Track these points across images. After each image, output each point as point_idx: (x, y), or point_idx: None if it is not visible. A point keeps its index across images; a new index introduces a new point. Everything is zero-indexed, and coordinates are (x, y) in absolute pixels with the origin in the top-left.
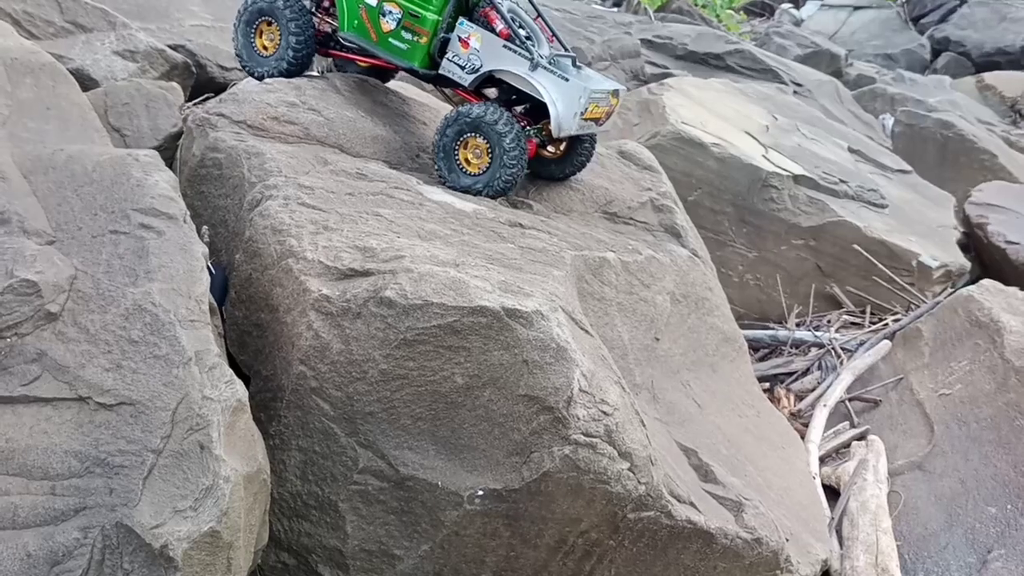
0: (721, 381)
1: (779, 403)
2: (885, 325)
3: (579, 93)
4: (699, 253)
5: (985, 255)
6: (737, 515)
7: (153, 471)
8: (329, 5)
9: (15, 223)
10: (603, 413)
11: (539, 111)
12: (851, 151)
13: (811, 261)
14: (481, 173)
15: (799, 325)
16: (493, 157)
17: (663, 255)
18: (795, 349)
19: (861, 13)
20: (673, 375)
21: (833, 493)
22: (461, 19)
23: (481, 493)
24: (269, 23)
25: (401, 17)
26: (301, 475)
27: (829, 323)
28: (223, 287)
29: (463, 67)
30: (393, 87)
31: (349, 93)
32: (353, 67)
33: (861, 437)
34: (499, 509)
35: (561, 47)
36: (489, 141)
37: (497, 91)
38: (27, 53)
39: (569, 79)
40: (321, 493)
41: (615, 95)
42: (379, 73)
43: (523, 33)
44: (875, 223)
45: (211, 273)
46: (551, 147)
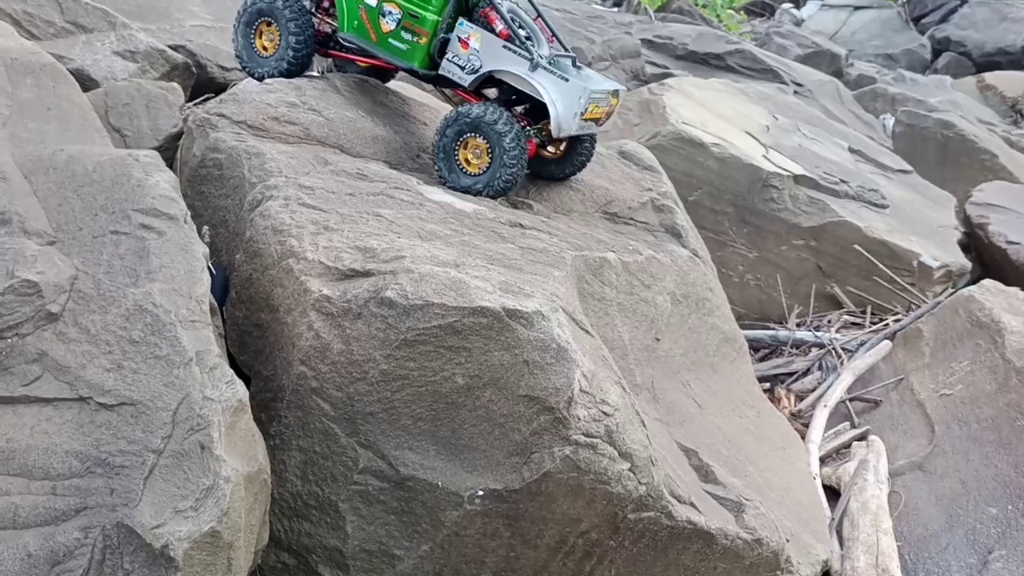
0: (721, 381)
1: (779, 403)
2: (886, 325)
3: (579, 93)
4: (699, 253)
5: (986, 255)
6: (737, 516)
7: (154, 471)
8: (329, 6)
9: (16, 223)
10: (604, 414)
11: (539, 111)
12: (852, 151)
13: (812, 261)
14: (481, 173)
15: (799, 325)
16: (493, 157)
17: (663, 255)
18: (795, 349)
19: (862, 13)
20: (673, 375)
21: (833, 493)
22: (461, 19)
23: (481, 493)
24: (269, 24)
25: (401, 17)
26: (301, 475)
27: (830, 323)
28: (224, 287)
29: (463, 67)
30: (393, 87)
31: (349, 93)
32: (353, 67)
33: (862, 437)
34: (499, 509)
35: (561, 47)
36: (489, 141)
37: (497, 91)
38: (28, 53)
39: (569, 79)
40: (321, 493)
41: (615, 95)
42: (379, 73)
43: (523, 33)
44: (876, 223)
45: (212, 273)
46: (551, 147)
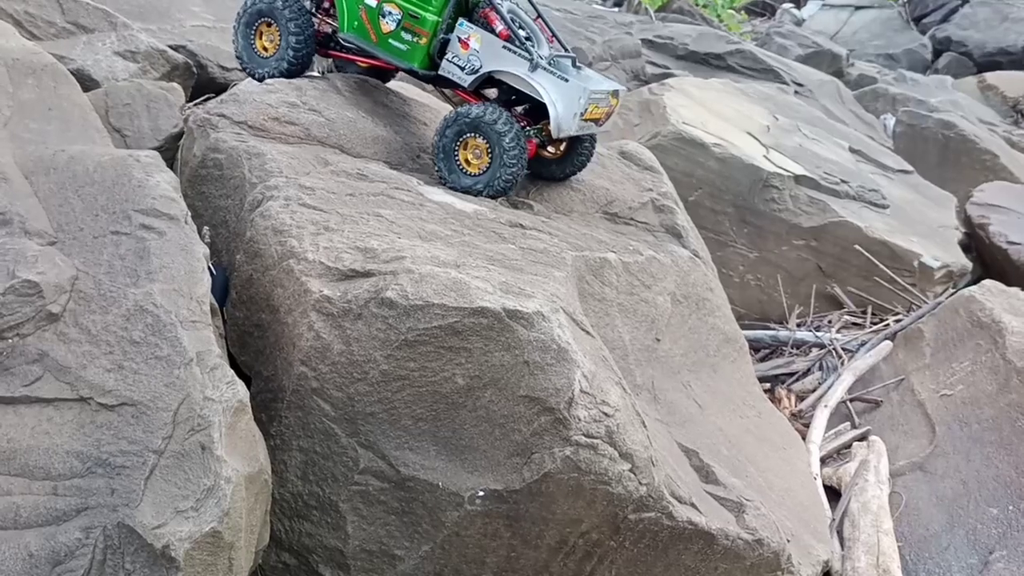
0: (722, 382)
1: (780, 404)
2: (886, 325)
3: (579, 94)
4: (700, 253)
5: (986, 255)
6: (738, 516)
7: (155, 471)
8: (329, 6)
9: (16, 224)
10: (604, 414)
11: (539, 111)
12: (852, 151)
13: (812, 261)
14: (481, 173)
15: (800, 325)
16: (493, 157)
17: (664, 256)
18: (796, 349)
19: (862, 13)
20: (674, 376)
21: (834, 494)
22: (461, 20)
23: (482, 494)
24: (269, 24)
25: (401, 18)
26: (302, 475)
27: (830, 323)
28: (224, 288)
29: (463, 68)
30: (393, 87)
31: (350, 93)
32: (353, 68)
33: (862, 438)
34: (500, 510)
35: (561, 47)
36: (489, 141)
37: (497, 92)
38: (28, 54)
39: (569, 80)
40: (322, 493)
41: (615, 95)
42: (379, 74)
43: (523, 34)
44: (876, 223)
45: (212, 274)
46: (551, 147)
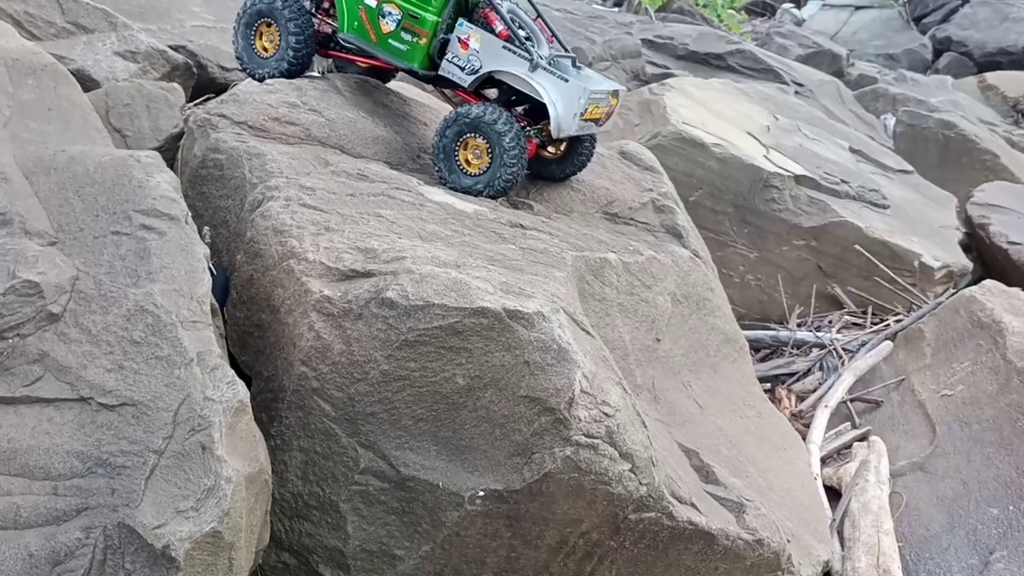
0: (722, 382)
1: (780, 404)
2: (887, 326)
3: (579, 94)
4: (700, 254)
5: (987, 256)
6: (738, 516)
7: (155, 471)
8: (329, 6)
9: (17, 224)
10: (604, 414)
11: (539, 112)
12: (852, 151)
13: (812, 261)
14: (481, 173)
15: (800, 326)
16: (493, 157)
17: (664, 256)
18: (796, 350)
19: (863, 13)
20: (674, 376)
21: (834, 494)
22: (461, 20)
23: (482, 494)
24: (268, 24)
25: (401, 18)
26: (302, 475)
27: (830, 324)
28: (224, 288)
29: (463, 68)
30: (393, 87)
31: (350, 94)
32: (353, 68)
33: (863, 438)
34: (500, 510)
35: (561, 47)
36: (489, 141)
37: (497, 92)
38: (28, 54)
39: (569, 80)
40: (322, 493)
41: (615, 95)
42: (379, 74)
43: (522, 34)
44: (877, 223)
45: (212, 274)
46: (551, 147)
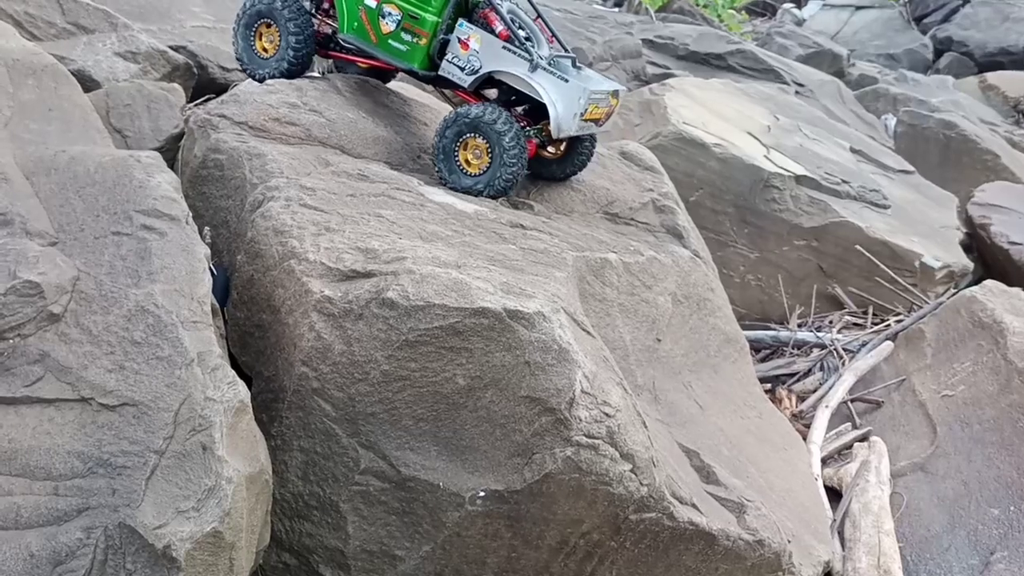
0: (723, 382)
1: (781, 404)
2: (887, 326)
3: (578, 94)
4: (701, 254)
5: (988, 256)
6: (739, 517)
7: (156, 472)
8: (329, 7)
9: (18, 224)
10: (605, 415)
11: (539, 112)
12: (853, 151)
13: (813, 262)
14: (481, 173)
15: (801, 326)
16: (493, 157)
17: (665, 256)
18: (797, 350)
19: (863, 13)
20: (675, 376)
21: (835, 494)
22: (461, 20)
23: (483, 494)
24: (268, 25)
25: (400, 19)
26: (303, 476)
27: (831, 324)
28: (225, 288)
29: (463, 68)
30: (394, 87)
31: (350, 94)
32: (353, 68)
33: (863, 438)
34: (501, 510)
35: (561, 48)
36: (488, 141)
37: (497, 92)
38: (29, 54)
39: (568, 80)
40: (323, 494)
41: (615, 95)
42: (379, 74)
43: (522, 34)
44: (877, 224)
45: (213, 274)
46: (551, 147)
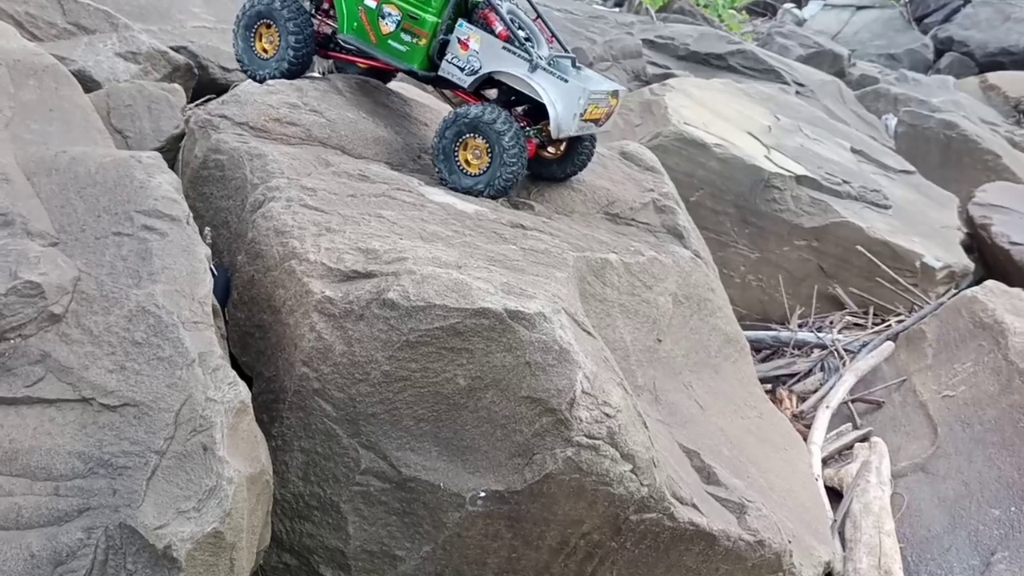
0: (723, 382)
1: (781, 404)
2: (888, 326)
3: (578, 94)
4: (701, 254)
5: (989, 256)
6: (740, 517)
7: (156, 472)
8: (328, 7)
9: (19, 225)
10: (606, 415)
11: (539, 112)
12: (854, 151)
13: (813, 262)
14: (481, 173)
15: (801, 326)
16: (493, 156)
17: (665, 256)
18: (797, 350)
19: (864, 13)
20: (675, 376)
21: (836, 495)
22: (460, 21)
23: (483, 494)
24: (268, 26)
25: (400, 19)
26: (303, 476)
27: (832, 324)
28: (225, 289)
29: (462, 69)
30: (394, 88)
31: (351, 94)
32: (353, 68)
33: (864, 439)
34: (501, 511)
35: (561, 48)
36: (488, 140)
37: (497, 92)
38: (30, 55)
39: (568, 80)
40: (323, 494)
41: (614, 96)
42: (379, 74)
43: (522, 34)
44: (878, 224)
45: (213, 275)
46: (551, 148)
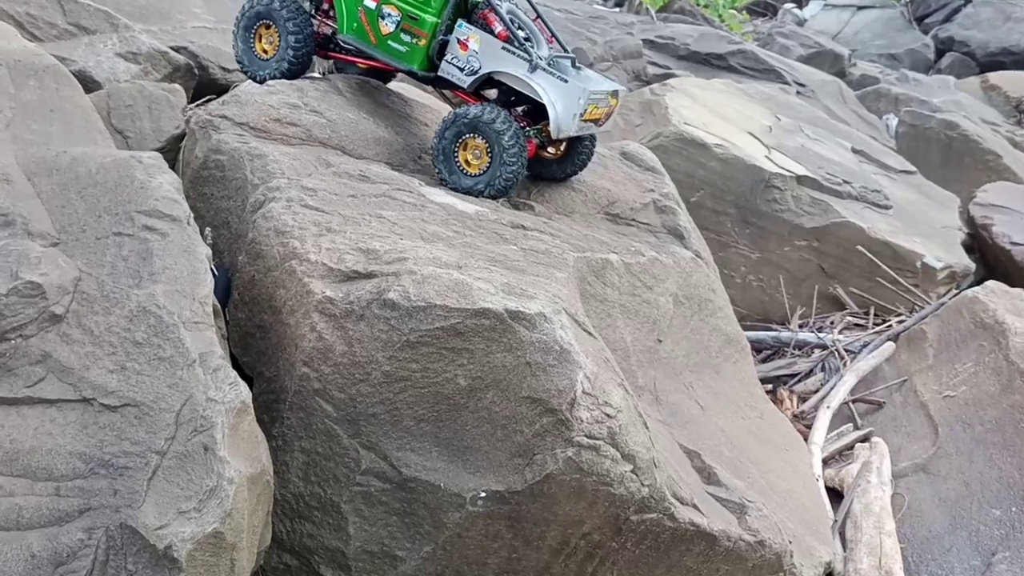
0: (724, 383)
1: (782, 405)
2: (889, 327)
3: (578, 94)
4: (702, 254)
5: (990, 256)
6: (740, 517)
7: (157, 472)
8: (328, 8)
9: (19, 225)
10: (606, 415)
11: (539, 112)
12: (855, 152)
13: (814, 262)
14: (481, 173)
15: (802, 326)
16: (493, 156)
17: (666, 256)
18: (798, 351)
19: (865, 13)
20: (676, 377)
21: (836, 495)
22: (460, 21)
23: (484, 495)
24: (268, 26)
25: (400, 19)
26: (304, 476)
27: (832, 324)
28: (226, 289)
29: (462, 69)
30: (394, 88)
31: (351, 94)
32: (353, 69)
33: (865, 439)
34: (502, 511)
35: (560, 48)
36: (488, 140)
37: (497, 93)
38: (30, 55)
39: (568, 80)
40: (324, 494)
41: (614, 96)
42: (379, 74)
43: (522, 35)
44: (879, 224)
45: (214, 275)
46: (551, 148)
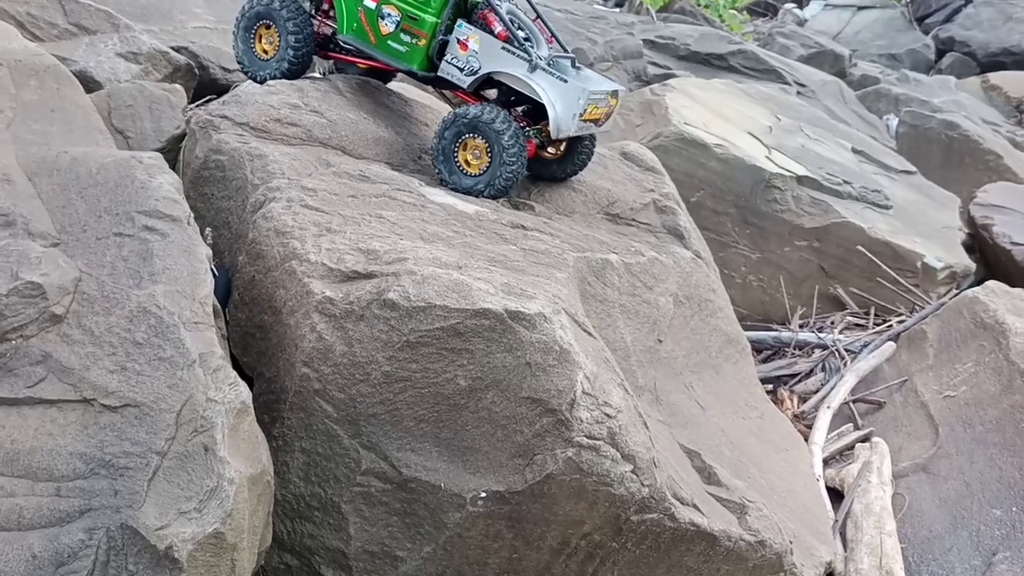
0: (724, 383)
1: (782, 405)
2: (889, 327)
3: (578, 94)
4: (702, 254)
5: (990, 256)
6: (741, 517)
7: (158, 473)
8: (328, 8)
9: (20, 225)
10: (606, 415)
11: (538, 112)
12: (855, 152)
13: (815, 262)
14: (481, 173)
15: (802, 327)
16: (492, 156)
17: (666, 257)
18: (798, 351)
19: (865, 13)
20: (676, 377)
21: (837, 495)
22: (460, 21)
23: (484, 495)
24: (268, 27)
25: (400, 20)
26: (304, 477)
27: (833, 324)
28: (226, 289)
29: (462, 69)
30: (394, 88)
31: (351, 95)
32: (353, 69)
33: (865, 439)
34: (502, 511)
35: (560, 48)
36: (488, 140)
37: (496, 93)
38: (31, 55)
39: (568, 80)
40: (324, 495)
41: (614, 96)
42: (379, 74)
43: (521, 35)
44: (879, 224)
45: (214, 275)
46: (551, 148)
